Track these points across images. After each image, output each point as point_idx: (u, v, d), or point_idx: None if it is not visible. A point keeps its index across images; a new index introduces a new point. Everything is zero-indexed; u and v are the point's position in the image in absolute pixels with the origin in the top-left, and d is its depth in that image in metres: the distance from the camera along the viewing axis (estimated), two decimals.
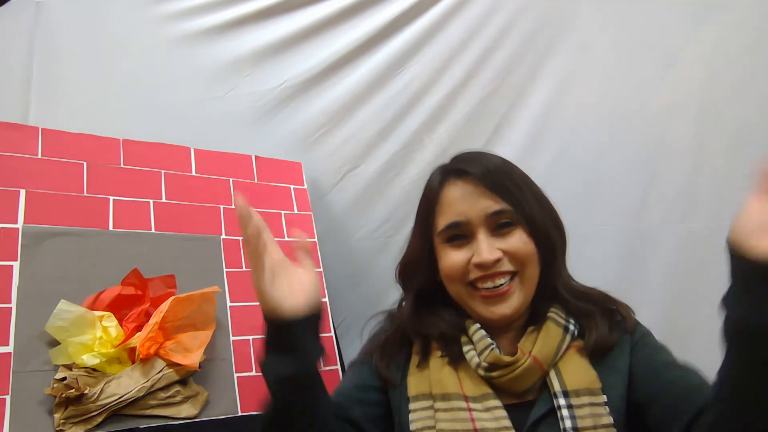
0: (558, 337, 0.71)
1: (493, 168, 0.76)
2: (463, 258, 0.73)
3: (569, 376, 0.68)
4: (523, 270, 0.72)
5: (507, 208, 0.72)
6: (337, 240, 1.36)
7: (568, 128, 1.23)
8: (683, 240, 1.14)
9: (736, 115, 1.11)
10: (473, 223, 0.72)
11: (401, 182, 1.35)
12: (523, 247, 0.72)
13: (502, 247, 0.71)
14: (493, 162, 0.77)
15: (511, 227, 0.73)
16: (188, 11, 1.38)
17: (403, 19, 1.31)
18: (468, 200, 0.73)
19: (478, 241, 0.72)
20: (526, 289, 0.73)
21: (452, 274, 0.74)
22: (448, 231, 0.74)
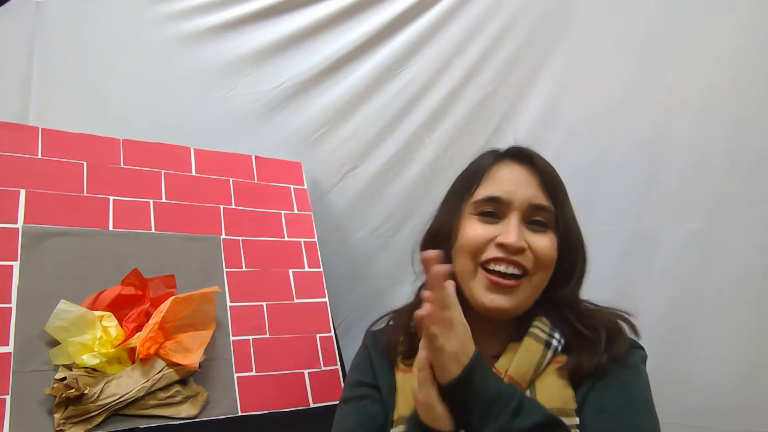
0: (538, 354, 0.68)
1: (550, 168, 0.75)
2: (486, 233, 0.70)
3: (543, 395, 0.66)
4: (536, 273, 0.70)
5: (551, 208, 0.71)
6: (337, 240, 1.36)
7: (568, 128, 1.23)
8: (683, 240, 1.14)
9: (736, 114, 1.11)
10: (513, 206, 0.71)
11: (401, 182, 1.35)
12: (549, 251, 0.70)
13: (529, 242, 0.69)
14: (549, 164, 0.76)
15: (545, 229, 0.71)
16: (188, 11, 1.38)
17: (403, 19, 1.31)
18: (517, 183, 0.72)
19: (509, 224, 0.70)
20: (531, 293, 0.70)
21: (469, 245, 0.71)
22: (484, 203, 0.72)
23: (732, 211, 1.11)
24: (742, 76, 1.11)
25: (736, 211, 1.11)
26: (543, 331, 0.70)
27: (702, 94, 1.14)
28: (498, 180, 0.73)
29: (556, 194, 0.73)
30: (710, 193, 1.13)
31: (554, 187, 0.73)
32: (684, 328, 1.12)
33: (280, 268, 1.13)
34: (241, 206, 1.15)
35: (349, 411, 0.75)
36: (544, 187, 0.73)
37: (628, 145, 1.19)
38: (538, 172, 0.73)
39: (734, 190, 1.11)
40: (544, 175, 0.73)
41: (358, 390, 0.76)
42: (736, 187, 1.11)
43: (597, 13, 1.21)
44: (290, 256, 1.16)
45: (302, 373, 1.04)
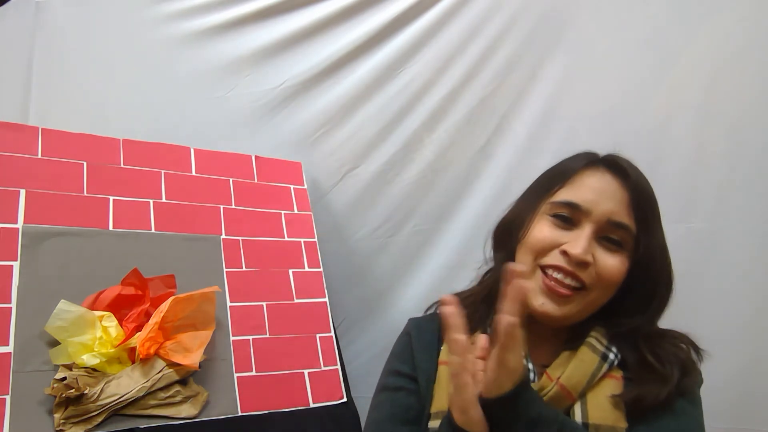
0: (593, 366, 0.66)
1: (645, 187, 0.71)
2: (555, 237, 0.67)
3: (594, 409, 0.64)
4: (594, 290, 0.66)
5: (631, 229, 0.67)
6: (337, 240, 1.36)
7: (568, 128, 1.23)
8: (683, 240, 1.14)
9: (735, 114, 1.11)
10: (590, 217, 0.67)
11: (401, 182, 1.35)
12: (614, 273, 0.66)
13: (596, 257, 0.66)
14: (647, 183, 0.72)
15: (619, 249, 0.67)
16: (188, 11, 1.37)
17: (403, 19, 1.31)
18: (603, 194, 0.68)
19: (580, 234, 0.66)
20: (584, 307, 0.67)
21: (534, 246, 0.68)
22: (561, 207, 0.69)
23: (732, 211, 1.11)
24: (742, 76, 1.11)
25: (736, 211, 1.11)
26: (600, 342, 0.67)
27: (702, 93, 1.14)
28: (583, 186, 0.70)
29: (644, 216, 0.68)
30: (710, 193, 1.13)
31: (644, 208, 0.68)
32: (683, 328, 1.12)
33: (280, 268, 1.13)
34: (241, 206, 1.15)
35: (383, 401, 0.74)
36: (632, 206, 0.68)
37: (628, 144, 1.18)
38: (630, 188, 0.69)
39: (734, 190, 1.11)
40: (635, 193, 0.69)
41: (394, 380, 0.75)
42: (736, 187, 1.11)
43: (597, 13, 1.21)
44: (290, 256, 1.16)
45: (302, 373, 1.04)
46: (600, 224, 0.67)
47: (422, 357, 0.75)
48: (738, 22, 1.11)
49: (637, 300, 0.69)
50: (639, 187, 0.70)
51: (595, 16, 1.21)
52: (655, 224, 0.71)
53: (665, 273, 0.72)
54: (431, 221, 1.35)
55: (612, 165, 0.72)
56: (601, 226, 0.67)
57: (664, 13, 1.16)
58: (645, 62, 1.17)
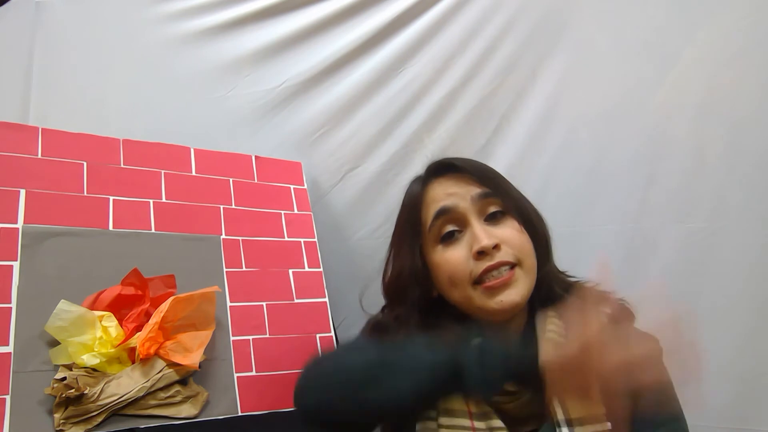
0: None
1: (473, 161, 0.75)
2: (462, 254, 0.70)
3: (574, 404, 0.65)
4: (523, 260, 0.70)
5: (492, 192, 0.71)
6: (337, 240, 1.36)
7: (568, 128, 1.23)
8: (683, 240, 1.14)
9: (735, 114, 1.11)
10: (462, 208, 0.70)
11: (401, 182, 1.34)
12: (519, 236, 0.70)
13: (497, 236, 0.69)
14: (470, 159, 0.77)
15: (504, 216, 0.71)
16: (188, 11, 1.37)
17: (403, 19, 1.31)
18: (453, 189, 0.72)
19: (473, 229, 0.69)
20: (529, 278, 0.70)
21: (456, 274, 0.70)
22: (437, 222, 0.72)
23: (732, 211, 1.11)
24: (742, 76, 1.11)
25: (736, 211, 1.11)
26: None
27: (702, 94, 1.14)
28: (434, 200, 0.73)
29: (492, 179, 0.73)
30: (710, 193, 1.13)
31: (487, 176, 0.73)
32: None
33: (280, 268, 1.13)
34: (241, 206, 1.15)
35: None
36: (479, 180, 0.72)
37: (628, 145, 1.19)
38: (465, 172, 0.72)
39: (734, 190, 1.11)
40: (471, 172, 0.73)
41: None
42: (736, 187, 1.11)
43: (597, 13, 1.21)
44: (290, 256, 1.16)
45: None
46: (475, 208, 0.71)
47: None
48: (738, 22, 1.11)
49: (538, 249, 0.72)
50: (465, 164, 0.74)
51: (595, 16, 1.21)
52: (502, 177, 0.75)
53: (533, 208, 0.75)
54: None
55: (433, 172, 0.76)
56: (477, 208, 0.71)
57: (664, 13, 1.16)
58: (645, 62, 1.17)
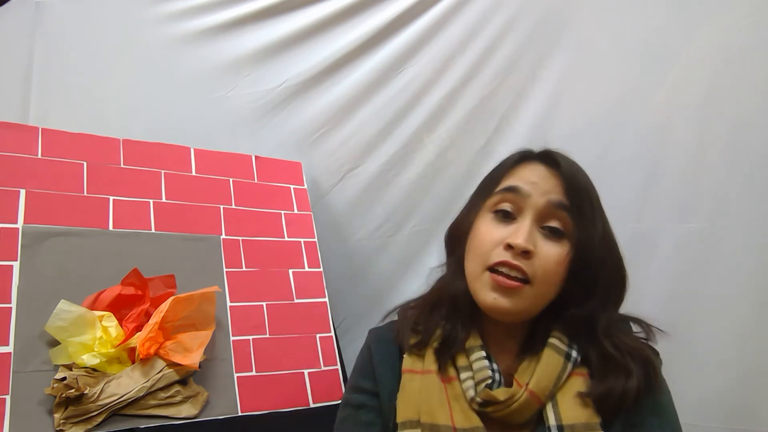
0: (558, 367, 0.66)
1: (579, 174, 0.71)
2: (498, 236, 0.68)
3: (567, 410, 0.64)
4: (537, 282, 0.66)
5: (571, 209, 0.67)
6: (337, 240, 1.36)
7: (568, 128, 1.23)
8: (683, 240, 1.14)
9: (736, 114, 1.11)
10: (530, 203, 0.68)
11: (401, 182, 1.35)
12: (554, 264, 0.66)
13: (537, 247, 0.66)
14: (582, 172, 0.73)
15: (560, 238, 0.68)
16: (188, 11, 1.37)
17: (403, 19, 1.31)
18: (540, 181, 0.69)
19: (520, 225, 0.67)
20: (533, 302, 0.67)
21: (478, 246, 0.69)
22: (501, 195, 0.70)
23: (732, 211, 1.11)
24: (742, 76, 1.11)
25: (736, 211, 1.11)
26: (562, 342, 0.68)
27: (702, 94, 1.14)
28: (520, 176, 0.71)
29: (581, 203, 0.68)
30: (710, 193, 1.13)
31: (578, 193, 0.68)
32: (683, 328, 1.12)
33: (280, 268, 1.13)
34: (241, 206, 1.15)
35: (347, 418, 0.75)
36: (568, 192, 0.68)
37: (628, 145, 1.19)
38: (564, 177, 0.69)
39: (734, 190, 1.11)
40: (570, 182, 0.69)
41: (357, 397, 0.75)
42: (736, 187, 1.11)
43: (597, 13, 1.21)
44: (290, 256, 1.16)
45: (302, 373, 1.04)
46: (539, 209, 0.68)
47: (382, 370, 0.75)
48: (738, 22, 1.11)
49: (582, 287, 0.68)
50: (571, 174, 0.71)
51: (595, 16, 1.21)
52: (593, 210, 0.70)
53: (609, 259, 0.71)
54: (431, 221, 1.35)
55: (544, 157, 0.73)
56: (540, 210, 0.68)
57: (664, 13, 1.16)
58: (645, 62, 1.17)
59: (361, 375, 0.77)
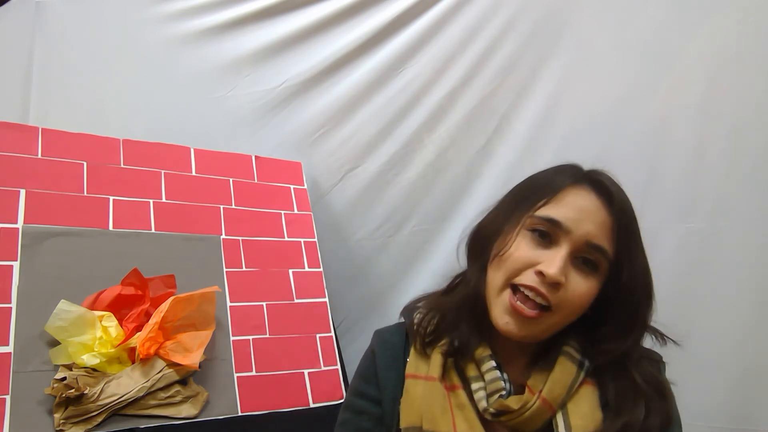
0: (572, 376, 0.66)
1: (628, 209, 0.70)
2: (532, 256, 0.66)
3: (577, 418, 0.63)
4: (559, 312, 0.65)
5: (609, 253, 0.66)
6: (337, 240, 1.36)
7: (568, 128, 1.23)
8: (683, 240, 1.14)
9: (736, 114, 1.11)
10: (569, 237, 0.66)
11: (401, 182, 1.35)
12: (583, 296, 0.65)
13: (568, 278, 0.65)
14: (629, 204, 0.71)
15: (592, 272, 0.66)
16: (188, 11, 1.38)
17: (403, 19, 1.31)
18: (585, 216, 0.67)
19: (556, 254, 0.65)
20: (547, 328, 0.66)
21: (511, 264, 0.67)
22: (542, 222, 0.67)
23: (732, 211, 1.11)
24: (742, 76, 1.11)
25: (736, 211, 1.11)
26: (576, 351, 0.68)
27: (702, 94, 1.14)
28: (566, 203, 0.68)
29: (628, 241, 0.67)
30: (710, 193, 1.13)
31: (627, 233, 0.67)
32: (683, 328, 1.12)
33: (280, 268, 1.13)
34: (241, 206, 1.15)
35: (347, 422, 0.75)
36: (614, 231, 0.67)
37: (628, 145, 1.19)
38: (614, 212, 0.68)
39: (734, 190, 1.11)
40: (619, 217, 0.68)
41: (358, 402, 0.75)
42: (736, 187, 1.11)
43: (597, 13, 1.21)
44: (290, 256, 1.16)
45: (302, 373, 1.04)
46: (578, 245, 0.66)
47: (386, 375, 0.74)
48: (738, 22, 1.11)
49: (620, 326, 0.67)
50: (623, 211, 0.69)
51: (594, 17, 1.21)
52: (638, 248, 0.69)
53: (647, 296, 0.69)
54: (431, 221, 1.35)
55: (597, 184, 0.71)
56: (578, 246, 0.66)
57: (664, 13, 1.16)
58: (645, 62, 1.17)
59: (364, 379, 0.76)
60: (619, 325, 0.68)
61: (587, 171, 0.74)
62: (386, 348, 0.77)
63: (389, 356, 0.75)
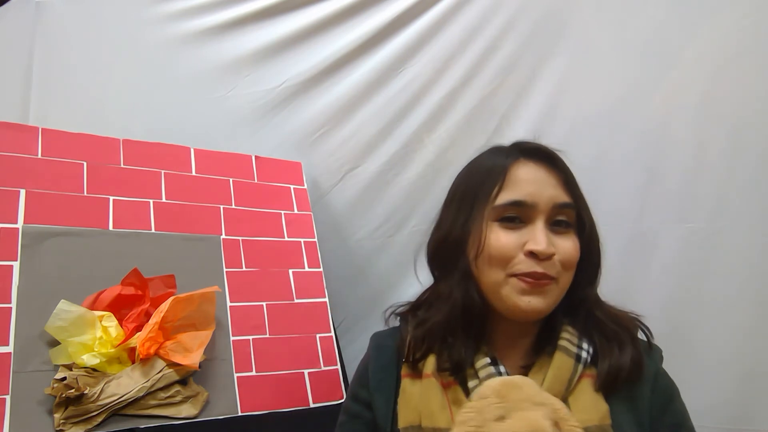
0: (569, 370, 0.66)
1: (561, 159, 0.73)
2: (514, 242, 0.67)
3: (579, 412, 0.63)
4: (561, 277, 0.68)
5: (574, 205, 0.70)
6: (337, 240, 1.36)
7: (568, 128, 1.23)
8: (683, 240, 1.14)
9: (736, 114, 1.11)
10: (538, 208, 0.68)
11: (401, 182, 1.35)
12: (573, 254, 0.68)
13: (555, 245, 0.67)
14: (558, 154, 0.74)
15: (568, 229, 0.69)
16: (188, 11, 1.38)
17: (403, 19, 1.31)
18: (540, 184, 0.69)
19: (535, 230, 0.67)
20: (558, 295, 0.68)
21: (498, 256, 0.67)
22: (507, 208, 0.69)
23: (732, 211, 1.11)
24: (742, 76, 1.11)
25: (736, 211, 1.11)
26: (572, 343, 0.68)
27: (702, 94, 1.14)
28: (518, 182, 0.70)
29: (577, 192, 0.72)
30: (710, 193, 1.13)
31: (575, 185, 0.72)
32: (684, 328, 1.12)
33: (280, 268, 1.13)
34: (241, 206, 1.15)
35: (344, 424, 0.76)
36: (566, 186, 0.71)
37: (628, 145, 1.19)
38: (559, 170, 0.71)
39: (734, 190, 1.11)
40: (565, 173, 0.71)
41: (354, 406, 0.75)
42: (736, 187, 1.11)
43: (597, 13, 1.21)
44: (290, 256, 1.16)
45: (302, 373, 1.04)
46: (549, 213, 0.69)
47: (381, 377, 0.74)
48: (738, 22, 1.11)
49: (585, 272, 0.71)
50: (564, 166, 0.72)
51: (595, 16, 1.21)
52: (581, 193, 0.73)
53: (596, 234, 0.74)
54: (431, 221, 1.34)
55: (533, 152, 0.73)
56: (549, 213, 0.69)
57: (664, 13, 1.16)
58: (645, 62, 1.17)
59: (359, 383, 0.77)
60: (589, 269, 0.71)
61: (516, 144, 0.76)
62: (381, 351, 0.77)
63: (384, 359, 0.76)
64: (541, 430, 0.56)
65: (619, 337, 0.68)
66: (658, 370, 0.70)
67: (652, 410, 0.66)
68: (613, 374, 0.65)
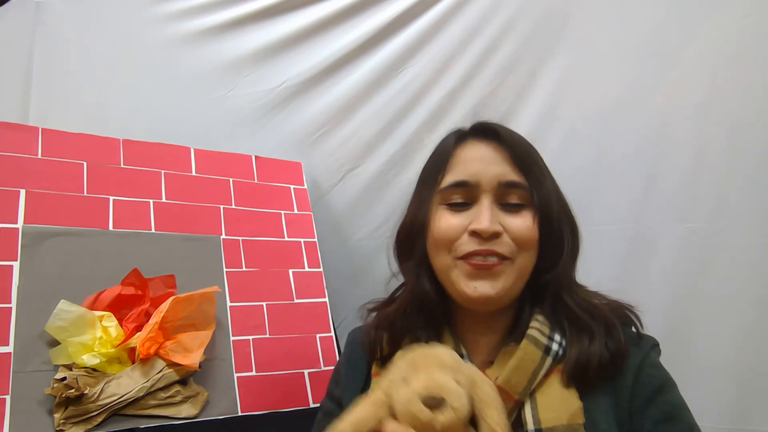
0: (535, 362, 0.60)
1: (518, 139, 0.69)
2: (458, 223, 0.64)
3: (545, 410, 0.58)
4: (518, 257, 0.63)
5: (524, 183, 0.65)
6: (337, 240, 1.36)
7: (568, 128, 1.23)
8: (683, 240, 1.14)
9: (736, 114, 1.11)
10: (482, 187, 0.65)
11: (401, 182, 1.35)
12: (526, 231, 0.63)
13: (504, 225, 0.63)
14: (518, 134, 0.70)
15: (521, 208, 0.64)
16: (188, 11, 1.38)
17: (403, 19, 1.31)
18: (484, 162, 0.66)
19: (480, 208, 0.64)
20: (515, 279, 0.63)
21: (442, 239, 0.65)
22: (451, 190, 0.66)
23: (732, 211, 1.11)
24: (742, 76, 1.11)
25: (736, 211, 1.11)
26: (542, 333, 0.62)
27: (702, 94, 1.14)
28: (462, 162, 0.67)
29: (530, 168, 0.66)
30: (710, 193, 1.13)
31: (526, 161, 0.66)
32: (684, 328, 1.12)
33: (280, 268, 1.13)
34: (241, 206, 1.15)
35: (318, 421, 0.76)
36: (515, 162, 0.66)
37: (628, 145, 1.19)
38: (506, 146, 0.67)
39: (734, 190, 1.11)
40: (513, 149, 0.66)
41: (328, 404, 0.75)
42: (736, 187, 1.11)
43: (597, 13, 1.21)
44: (290, 256, 1.16)
45: (302, 373, 1.04)
46: (494, 191, 0.65)
47: (351, 375, 0.73)
48: (738, 22, 1.11)
49: (548, 253, 0.65)
50: (513, 142, 0.68)
51: (595, 16, 1.21)
52: (542, 172, 0.68)
53: (567, 218, 0.69)
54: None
55: (479, 131, 0.70)
56: (495, 192, 0.65)
57: (664, 13, 1.16)
58: (645, 62, 1.17)
59: (334, 380, 0.77)
60: (548, 250, 0.66)
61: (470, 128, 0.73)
62: (353, 348, 0.76)
63: (356, 356, 0.74)
64: (441, 386, 0.53)
65: (590, 327, 0.62)
66: (645, 361, 0.62)
67: (634, 402, 0.59)
68: (582, 366, 0.59)
